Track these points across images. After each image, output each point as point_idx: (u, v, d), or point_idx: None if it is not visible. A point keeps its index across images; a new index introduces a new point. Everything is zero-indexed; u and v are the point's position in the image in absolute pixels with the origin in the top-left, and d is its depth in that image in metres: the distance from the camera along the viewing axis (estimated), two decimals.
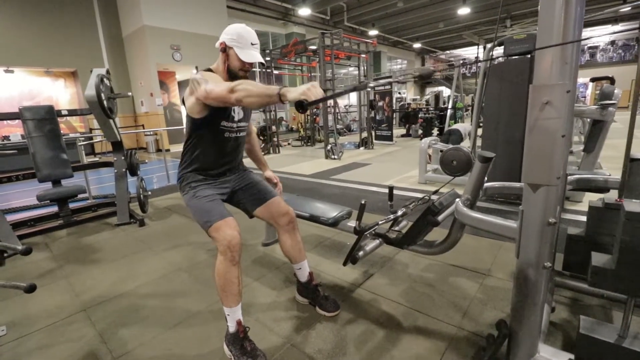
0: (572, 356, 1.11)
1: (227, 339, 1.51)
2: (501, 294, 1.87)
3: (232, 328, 1.48)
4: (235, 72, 1.57)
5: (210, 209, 1.51)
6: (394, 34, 18.72)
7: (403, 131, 11.29)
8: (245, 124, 1.71)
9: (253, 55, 1.55)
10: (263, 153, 9.07)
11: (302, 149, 9.48)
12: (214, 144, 1.62)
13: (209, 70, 1.60)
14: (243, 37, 1.53)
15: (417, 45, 21.66)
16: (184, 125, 1.72)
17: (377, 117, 9.62)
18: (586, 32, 16.69)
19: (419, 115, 10.43)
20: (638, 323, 1.54)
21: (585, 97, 17.38)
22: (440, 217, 1.58)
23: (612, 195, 1.54)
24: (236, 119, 1.63)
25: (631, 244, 0.90)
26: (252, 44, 1.55)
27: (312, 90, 1.16)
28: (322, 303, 1.79)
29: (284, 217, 1.73)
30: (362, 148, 8.59)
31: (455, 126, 5.72)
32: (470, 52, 23.29)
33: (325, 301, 1.79)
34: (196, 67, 10.60)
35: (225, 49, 1.55)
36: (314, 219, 2.10)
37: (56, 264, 2.58)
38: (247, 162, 1.85)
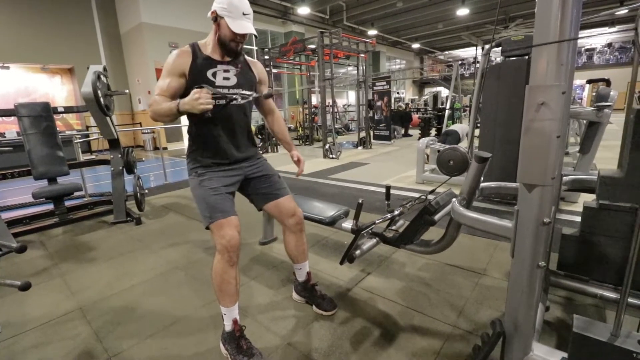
0: (565, 355, 1.11)
1: (223, 337, 1.51)
2: (496, 294, 1.88)
3: (228, 327, 1.48)
4: (226, 43, 1.48)
5: (215, 204, 1.45)
6: (393, 34, 18.74)
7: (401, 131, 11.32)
8: (244, 91, 1.57)
9: (244, 26, 1.44)
10: (262, 152, 9.02)
11: (301, 148, 9.48)
12: (206, 117, 1.47)
13: (194, 45, 1.51)
14: (234, 6, 1.43)
15: (416, 46, 21.70)
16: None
17: (376, 117, 9.63)
18: (583, 34, 16.77)
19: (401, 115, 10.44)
20: (630, 322, 1.55)
21: (581, 99, 17.47)
22: (436, 217, 1.58)
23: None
24: (218, 84, 1.50)
25: None
26: (244, 14, 1.45)
27: (199, 99, 1.30)
28: (319, 302, 1.79)
29: (292, 217, 1.70)
30: (360, 147, 8.60)
31: (452, 127, 5.74)
32: (468, 53, 23.34)
33: (322, 300, 1.80)
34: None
35: (216, 18, 1.47)
36: (311, 218, 2.10)
37: (51, 262, 2.57)
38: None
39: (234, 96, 1.53)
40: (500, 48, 3.20)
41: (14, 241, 1.85)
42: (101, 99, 3.26)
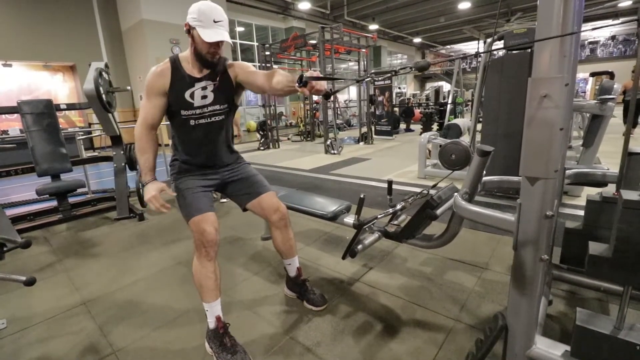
0: (568, 348, 1.11)
1: (207, 335, 1.52)
2: (499, 287, 1.88)
3: (212, 324, 1.49)
4: (202, 54, 1.43)
5: (191, 202, 1.50)
6: (394, 28, 18.60)
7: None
8: (220, 107, 1.55)
9: (216, 34, 1.37)
10: (262, 148, 8.97)
11: (302, 144, 9.46)
12: (183, 133, 1.57)
13: (175, 60, 1.48)
14: (204, 14, 1.36)
15: (417, 40, 21.54)
16: None
17: (377, 112, 9.60)
18: (586, 28, 16.60)
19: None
20: (633, 315, 1.55)
21: (585, 92, 17.33)
22: (438, 211, 1.58)
23: (610, 189, 1.55)
24: (197, 104, 1.50)
25: (628, 232, 0.90)
26: (214, 22, 1.37)
27: (151, 200, 1.40)
28: (309, 297, 1.80)
29: (275, 213, 1.69)
30: (361, 143, 8.58)
31: (454, 121, 5.71)
32: (470, 47, 23.18)
33: (313, 295, 1.80)
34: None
35: (189, 31, 1.42)
36: (313, 213, 2.10)
37: (56, 257, 2.59)
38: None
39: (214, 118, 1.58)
40: (502, 41, 3.18)
41: (19, 237, 1.87)
42: (103, 96, 3.26)
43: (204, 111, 1.53)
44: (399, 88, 19.13)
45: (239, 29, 13.54)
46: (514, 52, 3.11)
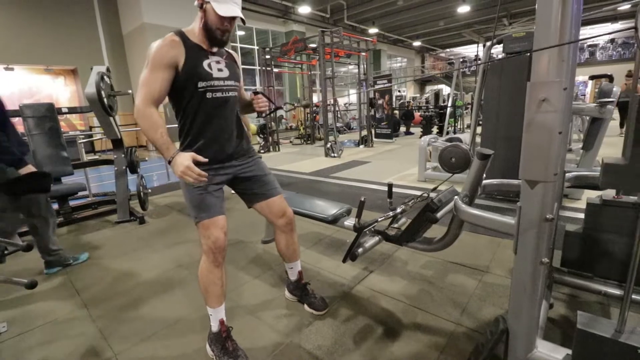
0: (569, 351, 1.11)
1: (209, 338, 1.52)
2: (500, 291, 1.88)
3: (214, 327, 1.48)
4: (213, 30, 1.36)
5: (201, 204, 1.41)
6: (394, 32, 18.68)
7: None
8: (234, 83, 1.50)
9: (231, 9, 1.33)
10: (263, 151, 8.98)
11: (302, 147, 9.48)
12: (200, 110, 1.42)
13: (181, 33, 1.39)
14: None
15: (417, 44, 21.63)
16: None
17: (377, 115, 9.62)
18: (585, 31, 16.68)
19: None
20: (635, 318, 1.55)
21: (584, 95, 17.36)
22: (439, 214, 1.58)
23: (610, 192, 1.55)
24: (215, 75, 1.42)
25: None
26: None
27: (184, 174, 1.26)
28: (310, 301, 1.80)
29: (282, 218, 1.67)
30: (361, 146, 8.59)
31: (457, 135, 5.77)
32: (470, 51, 23.25)
33: (314, 299, 1.80)
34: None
35: (202, 5, 1.36)
36: (313, 216, 2.10)
37: None
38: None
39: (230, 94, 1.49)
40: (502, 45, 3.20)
41: (20, 240, 1.88)
42: (105, 100, 3.28)
43: (221, 84, 1.45)
44: (399, 91, 19.18)
45: (240, 32, 13.60)
46: (514, 55, 3.13)
